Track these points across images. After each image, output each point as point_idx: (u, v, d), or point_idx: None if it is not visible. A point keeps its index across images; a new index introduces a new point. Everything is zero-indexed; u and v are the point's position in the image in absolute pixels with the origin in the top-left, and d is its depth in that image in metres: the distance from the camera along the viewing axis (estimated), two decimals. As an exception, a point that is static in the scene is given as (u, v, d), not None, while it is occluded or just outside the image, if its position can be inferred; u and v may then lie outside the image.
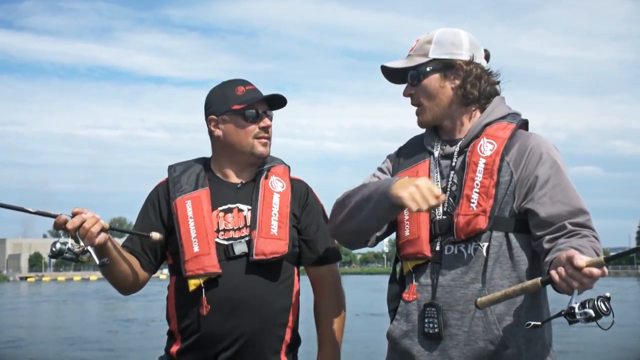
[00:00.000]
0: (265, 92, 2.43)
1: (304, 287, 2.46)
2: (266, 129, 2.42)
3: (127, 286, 2.39)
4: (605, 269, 1.67)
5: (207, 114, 2.45)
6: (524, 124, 2.18)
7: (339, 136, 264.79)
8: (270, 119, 2.45)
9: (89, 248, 2.09)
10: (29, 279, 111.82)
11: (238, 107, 2.39)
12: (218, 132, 2.43)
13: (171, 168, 2.48)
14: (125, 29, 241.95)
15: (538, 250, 2.00)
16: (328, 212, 2.49)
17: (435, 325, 2.04)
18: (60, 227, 2.12)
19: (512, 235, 2.03)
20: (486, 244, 2.03)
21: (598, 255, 1.80)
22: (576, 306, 1.69)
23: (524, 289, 1.81)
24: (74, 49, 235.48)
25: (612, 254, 1.64)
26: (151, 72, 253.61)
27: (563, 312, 1.72)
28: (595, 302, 1.67)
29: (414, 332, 2.09)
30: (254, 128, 2.40)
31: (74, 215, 2.12)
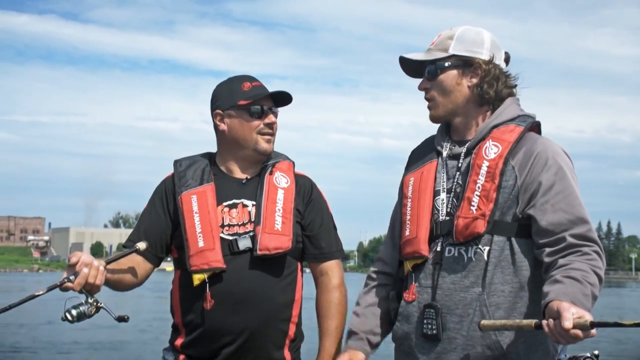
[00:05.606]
0: (324, 88, 2.44)
1: (307, 283, 2.46)
2: (270, 125, 2.43)
3: (129, 288, 2.41)
4: (592, 331, 1.67)
5: (213, 109, 2.47)
6: (537, 126, 2.14)
7: (396, 133, 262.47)
8: (275, 116, 2.46)
9: (103, 305, 2.09)
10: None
11: (244, 102, 2.40)
12: (223, 127, 2.45)
13: (177, 162, 2.50)
14: (187, 23, 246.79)
15: (539, 259, 1.97)
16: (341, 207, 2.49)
17: (434, 327, 2.03)
18: (67, 290, 2.08)
19: (514, 240, 2.00)
20: (487, 248, 2.00)
21: (598, 275, 1.85)
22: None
23: (520, 327, 1.83)
24: (137, 42, 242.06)
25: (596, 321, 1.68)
26: (211, 65, 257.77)
27: None
28: None
29: (414, 333, 2.08)
30: (258, 124, 2.41)
31: (71, 265, 2.09)
